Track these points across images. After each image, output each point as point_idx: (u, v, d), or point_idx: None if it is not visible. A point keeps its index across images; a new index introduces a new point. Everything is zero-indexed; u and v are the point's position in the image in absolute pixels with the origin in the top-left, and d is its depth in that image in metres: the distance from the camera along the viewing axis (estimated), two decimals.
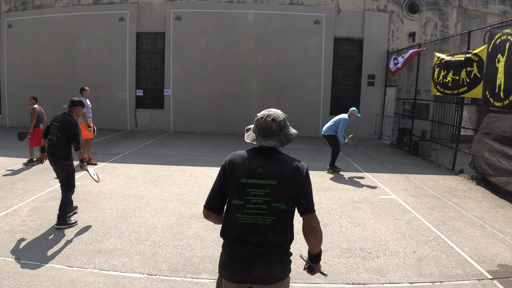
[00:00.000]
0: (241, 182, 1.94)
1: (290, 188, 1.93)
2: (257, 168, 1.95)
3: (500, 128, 7.10)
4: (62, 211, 4.67)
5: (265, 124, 2.01)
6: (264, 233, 1.93)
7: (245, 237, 1.94)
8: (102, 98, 14.67)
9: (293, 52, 14.19)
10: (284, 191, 1.92)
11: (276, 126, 2.01)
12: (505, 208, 6.20)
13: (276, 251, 1.95)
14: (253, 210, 1.92)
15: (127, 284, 3.47)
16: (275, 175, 1.93)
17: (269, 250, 1.93)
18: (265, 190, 1.92)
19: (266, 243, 1.93)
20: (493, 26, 7.62)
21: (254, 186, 1.93)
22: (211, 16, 14.18)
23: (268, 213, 1.92)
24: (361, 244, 4.54)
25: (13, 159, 8.59)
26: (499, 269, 3.99)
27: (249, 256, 1.92)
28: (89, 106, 8.51)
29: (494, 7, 14.87)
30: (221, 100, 14.48)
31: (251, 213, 1.92)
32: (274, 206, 1.92)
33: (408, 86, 13.08)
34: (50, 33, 14.68)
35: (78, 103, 5.00)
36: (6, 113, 15.33)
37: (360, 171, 8.53)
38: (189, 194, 6.35)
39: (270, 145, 1.99)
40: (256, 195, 1.92)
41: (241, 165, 1.98)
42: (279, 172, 1.94)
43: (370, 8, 14.16)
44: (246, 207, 1.93)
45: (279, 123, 2.02)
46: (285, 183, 1.93)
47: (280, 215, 1.93)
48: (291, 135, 2.08)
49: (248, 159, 2.00)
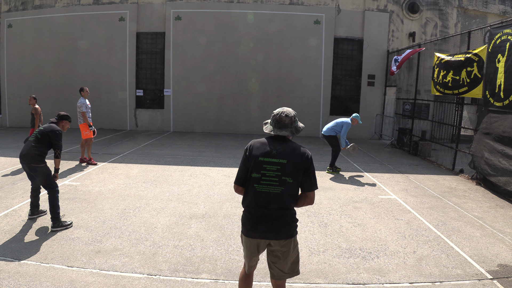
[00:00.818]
0: (259, 160, 2.50)
1: (297, 168, 2.47)
2: (272, 150, 2.51)
3: (500, 128, 7.10)
4: (53, 213, 4.65)
5: (280, 118, 2.58)
6: (275, 199, 2.47)
7: (260, 202, 2.49)
8: (102, 98, 14.67)
9: (293, 52, 14.19)
10: (292, 169, 2.46)
11: (288, 120, 2.58)
12: (505, 208, 6.20)
13: (284, 213, 2.49)
14: (267, 181, 2.48)
15: (127, 284, 3.47)
16: (286, 156, 2.48)
17: (278, 213, 2.48)
18: (277, 167, 2.47)
19: (276, 207, 2.48)
20: (493, 26, 7.61)
21: (269, 163, 2.48)
22: (211, 16, 14.18)
23: (279, 184, 2.47)
24: (361, 244, 4.54)
25: (13, 159, 8.59)
26: (499, 269, 3.99)
27: (263, 217, 2.48)
28: (88, 106, 8.49)
29: (494, 7, 14.87)
30: (221, 100, 14.48)
31: (266, 184, 2.48)
32: (283, 179, 2.46)
33: (408, 86, 13.08)
34: (50, 33, 14.68)
35: (65, 117, 5.04)
36: (6, 113, 15.33)
37: (360, 171, 8.53)
38: (189, 194, 6.35)
39: (283, 134, 2.56)
40: (270, 170, 2.47)
41: (260, 148, 2.54)
42: (289, 154, 2.49)
43: (370, 8, 14.16)
44: (262, 179, 2.48)
45: (290, 118, 2.59)
46: (293, 163, 2.47)
47: (288, 187, 2.47)
48: (299, 128, 2.66)
49: (266, 144, 2.56)
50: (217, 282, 3.58)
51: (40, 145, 4.67)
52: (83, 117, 8.26)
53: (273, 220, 2.47)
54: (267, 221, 2.47)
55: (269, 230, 2.48)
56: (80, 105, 8.22)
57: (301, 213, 5.54)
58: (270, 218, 2.47)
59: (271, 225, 2.47)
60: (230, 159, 9.34)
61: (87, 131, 8.28)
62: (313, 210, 5.72)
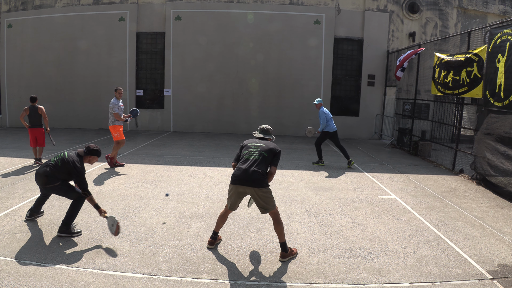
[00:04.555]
0: (248, 145, 4.19)
1: (270, 152, 4.08)
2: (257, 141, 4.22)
3: (501, 129, 7.09)
4: (68, 218, 4.42)
5: (266, 129, 4.41)
6: (255, 162, 3.99)
7: (248, 163, 3.99)
8: (102, 98, 14.64)
9: (293, 52, 14.19)
10: (266, 150, 4.07)
11: (271, 131, 4.45)
12: (505, 208, 6.20)
13: (259, 172, 3.95)
14: (252, 153, 4.07)
15: (127, 284, 3.47)
16: (264, 144, 4.14)
17: (255, 170, 3.94)
18: (260, 145, 4.13)
19: (254, 167, 3.96)
20: (493, 26, 7.61)
21: (254, 146, 4.14)
22: (211, 16, 14.18)
23: (258, 155, 4.03)
24: (361, 244, 4.54)
25: (13, 159, 8.59)
26: (499, 269, 3.99)
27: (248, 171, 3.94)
28: (121, 107, 8.19)
29: (494, 7, 14.87)
30: (221, 100, 14.48)
31: (251, 153, 4.07)
32: (261, 153, 4.05)
33: (408, 86, 13.07)
34: (50, 33, 14.68)
35: (95, 153, 4.59)
36: (6, 113, 15.34)
37: (360, 171, 8.52)
38: (189, 194, 6.35)
39: (268, 137, 4.37)
40: (254, 147, 4.12)
41: (249, 141, 4.26)
42: (266, 145, 4.14)
43: (370, 8, 14.16)
44: (249, 151, 4.09)
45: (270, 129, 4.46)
46: (268, 148, 4.09)
47: (263, 157, 4.03)
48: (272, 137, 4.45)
49: (254, 139, 4.30)
50: (217, 282, 3.58)
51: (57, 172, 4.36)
52: (116, 118, 7.96)
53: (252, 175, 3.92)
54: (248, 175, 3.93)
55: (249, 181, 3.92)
56: (113, 106, 7.96)
57: (301, 213, 5.54)
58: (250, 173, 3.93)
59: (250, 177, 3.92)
60: (230, 159, 9.34)
61: (117, 133, 8.01)
62: (313, 210, 5.72)
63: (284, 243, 4.04)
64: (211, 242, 4.29)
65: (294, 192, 6.65)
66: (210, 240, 4.30)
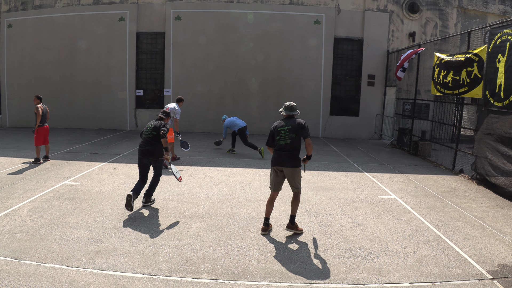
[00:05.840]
0: (278, 130, 4.73)
1: (296, 131, 4.63)
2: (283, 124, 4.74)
3: (502, 129, 7.09)
4: (150, 191, 5.61)
5: (290, 105, 4.83)
6: (285, 147, 4.65)
7: (281, 148, 4.68)
8: (102, 98, 14.68)
9: (293, 52, 14.19)
10: (293, 131, 4.63)
11: (293, 106, 4.84)
12: (505, 208, 6.20)
13: (294, 154, 4.67)
14: (283, 138, 4.66)
15: (127, 284, 3.47)
16: (290, 126, 4.67)
17: (290, 152, 4.65)
18: (287, 128, 4.67)
19: (288, 148, 4.64)
20: (493, 26, 7.61)
21: (283, 130, 4.69)
22: (211, 16, 14.18)
23: (288, 138, 4.64)
24: (361, 244, 4.54)
25: (13, 159, 8.59)
26: (499, 269, 3.99)
27: (282, 154, 4.67)
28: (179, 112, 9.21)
29: (494, 7, 14.87)
30: (221, 100, 14.48)
31: (282, 139, 4.67)
32: (290, 136, 4.63)
33: (408, 86, 13.07)
34: (50, 33, 14.68)
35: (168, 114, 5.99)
36: (6, 113, 15.33)
37: (360, 171, 8.52)
38: (189, 194, 6.35)
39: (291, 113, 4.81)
40: (283, 132, 4.67)
41: (277, 124, 4.79)
42: (292, 126, 4.67)
43: (370, 8, 14.16)
44: (280, 137, 4.69)
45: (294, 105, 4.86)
46: (294, 129, 4.64)
47: (292, 139, 4.64)
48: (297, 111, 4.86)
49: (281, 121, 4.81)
50: (217, 282, 3.58)
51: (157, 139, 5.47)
52: (175, 125, 8.89)
53: (287, 157, 4.67)
54: (284, 157, 4.67)
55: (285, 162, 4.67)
56: (177, 113, 9.02)
57: (301, 213, 5.54)
58: (285, 155, 4.67)
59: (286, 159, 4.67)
60: (230, 159, 9.34)
61: (172, 135, 8.73)
62: (313, 210, 5.72)
63: (294, 216, 4.81)
64: (264, 229, 4.79)
65: None
66: (263, 227, 4.81)
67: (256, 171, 8.16)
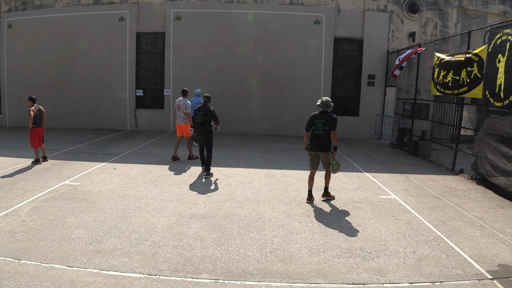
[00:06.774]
0: (314, 122, 5.93)
1: (329, 125, 5.81)
2: (319, 117, 5.91)
3: (502, 129, 7.08)
4: (209, 165, 7.41)
5: (327, 101, 5.92)
6: (318, 136, 5.92)
7: (316, 137, 5.95)
8: (102, 98, 14.68)
9: (293, 52, 14.19)
10: (327, 125, 5.82)
11: (329, 103, 5.92)
12: (505, 208, 6.20)
13: (326, 141, 5.90)
14: (318, 129, 5.89)
15: (127, 284, 3.47)
16: (325, 118, 5.86)
17: (323, 141, 5.91)
18: (321, 122, 5.86)
19: (322, 138, 5.90)
20: (493, 26, 7.61)
21: (318, 123, 5.88)
22: (211, 16, 14.18)
23: (321, 130, 5.86)
24: (361, 244, 4.54)
25: (13, 159, 8.59)
26: (499, 269, 3.99)
27: (317, 142, 5.96)
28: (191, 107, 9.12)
29: (494, 7, 14.86)
30: (221, 100, 14.45)
31: (317, 130, 5.90)
32: (323, 128, 5.84)
33: (408, 86, 13.07)
34: (50, 33, 14.67)
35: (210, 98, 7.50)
36: (6, 113, 15.33)
37: (360, 171, 8.52)
38: (189, 194, 6.35)
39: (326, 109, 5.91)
40: (319, 124, 5.87)
41: (314, 116, 5.96)
42: (326, 118, 5.86)
43: (370, 8, 14.15)
44: (316, 128, 5.92)
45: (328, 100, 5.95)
46: (328, 123, 5.82)
47: (326, 131, 5.84)
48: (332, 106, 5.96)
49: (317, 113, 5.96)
50: (217, 282, 3.58)
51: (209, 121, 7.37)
52: (188, 118, 8.66)
53: (321, 143, 5.91)
54: (319, 144, 5.91)
55: (320, 147, 5.93)
56: (188, 106, 8.81)
57: (301, 213, 5.54)
58: (320, 143, 5.91)
59: (320, 145, 5.92)
60: (230, 159, 9.34)
61: (188, 129, 8.73)
62: (313, 210, 5.72)
63: (327, 188, 6.26)
64: (309, 198, 6.12)
65: (294, 192, 6.65)
66: (308, 197, 6.13)
67: (256, 171, 8.16)
